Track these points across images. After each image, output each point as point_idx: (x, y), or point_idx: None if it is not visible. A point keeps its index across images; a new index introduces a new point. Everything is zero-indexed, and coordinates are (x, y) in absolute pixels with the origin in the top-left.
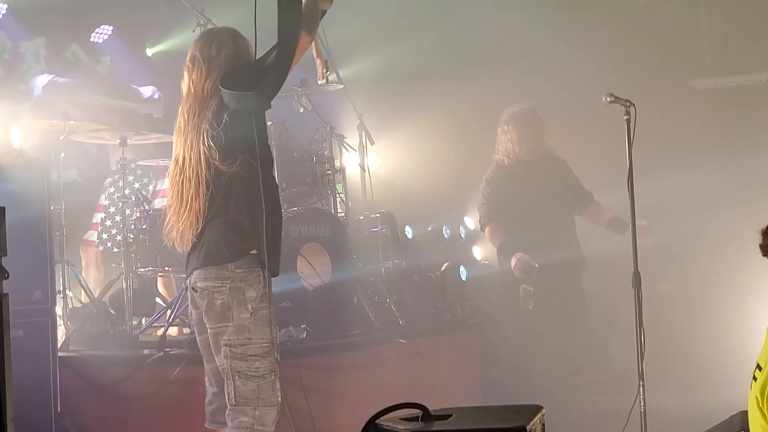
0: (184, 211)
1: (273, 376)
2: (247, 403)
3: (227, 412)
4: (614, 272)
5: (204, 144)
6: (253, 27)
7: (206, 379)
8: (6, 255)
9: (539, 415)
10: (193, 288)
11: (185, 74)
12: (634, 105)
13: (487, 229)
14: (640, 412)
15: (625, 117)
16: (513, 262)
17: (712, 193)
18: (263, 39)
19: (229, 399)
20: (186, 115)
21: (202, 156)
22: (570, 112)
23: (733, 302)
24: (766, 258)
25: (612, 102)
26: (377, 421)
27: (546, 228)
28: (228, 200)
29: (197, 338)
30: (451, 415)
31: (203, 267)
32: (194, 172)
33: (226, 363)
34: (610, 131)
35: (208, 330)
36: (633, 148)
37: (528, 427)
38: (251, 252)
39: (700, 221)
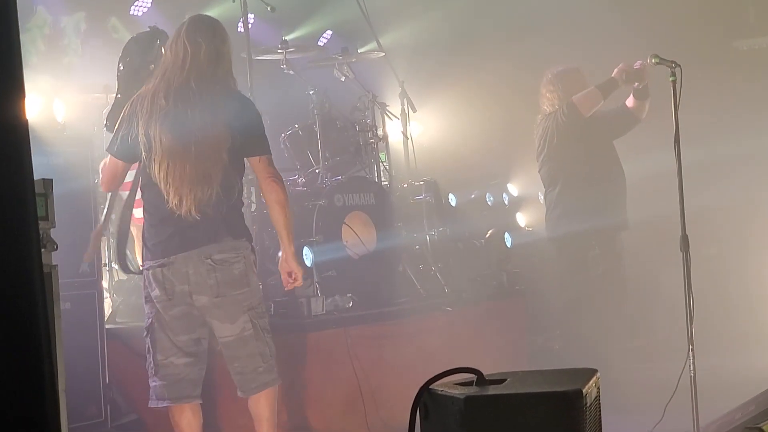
0: (199, 181)
1: None
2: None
3: (260, 371)
4: (659, 236)
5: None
6: None
7: (166, 354)
8: (54, 227)
9: (594, 378)
10: (210, 260)
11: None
12: (680, 66)
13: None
14: (690, 376)
15: (671, 78)
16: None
17: (758, 156)
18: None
19: (264, 359)
20: None
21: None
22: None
23: None
24: None
25: (657, 63)
26: (431, 387)
27: (598, 186)
28: (238, 181)
29: (168, 313)
30: (505, 380)
31: (221, 240)
32: (217, 148)
33: (250, 325)
34: (655, 93)
35: (220, 299)
36: (679, 110)
37: (584, 390)
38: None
39: (747, 184)
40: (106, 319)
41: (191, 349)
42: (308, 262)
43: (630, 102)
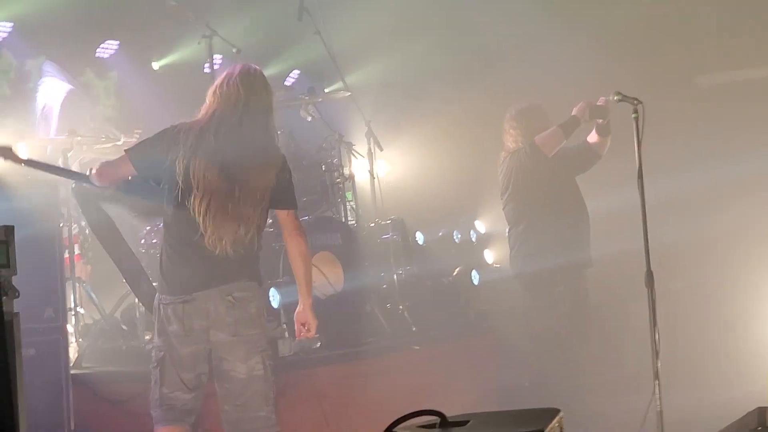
0: (239, 221)
1: None
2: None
3: (264, 415)
4: (626, 271)
5: None
6: (256, 36)
7: (173, 388)
8: (16, 274)
9: (557, 418)
10: (230, 297)
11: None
12: (641, 103)
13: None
14: (657, 411)
15: (633, 115)
16: (575, 110)
17: (721, 190)
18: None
19: (267, 402)
20: None
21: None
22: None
23: (746, 299)
24: None
25: (619, 100)
26: (395, 429)
27: (561, 224)
28: (264, 226)
29: (183, 349)
30: (468, 421)
31: (243, 279)
32: (261, 194)
33: (261, 366)
34: (618, 129)
35: (237, 338)
36: (641, 146)
37: (546, 431)
38: None
39: (711, 218)
40: (71, 364)
41: (194, 383)
42: (275, 304)
43: (592, 138)
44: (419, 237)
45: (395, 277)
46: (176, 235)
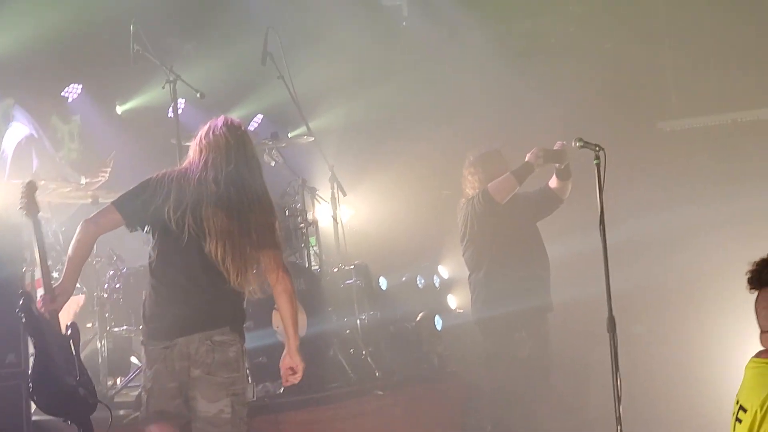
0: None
1: None
2: None
3: None
4: (588, 316)
5: None
6: (219, 81)
7: (160, 406)
8: None
9: None
10: (209, 342)
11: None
12: (603, 149)
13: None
14: None
15: (595, 161)
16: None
17: (682, 235)
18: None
19: None
20: None
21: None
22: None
23: (708, 341)
24: (751, 292)
25: (581, 147)
26: None
27: (521, 269)
28: None
29: (167, 385)
30: None
31: (225, 326)
32: (266, 231)
33: (230, 410)
34: (580, 175)
35: (211, 376)
36: (603, 191)
37: None
38: None
39: (671, 262)
40: (33, 410)
41: (180, 408)
42: None
43: (553, 183)
44: (383, 282)
45: (358, 322)
46: (163, 281)
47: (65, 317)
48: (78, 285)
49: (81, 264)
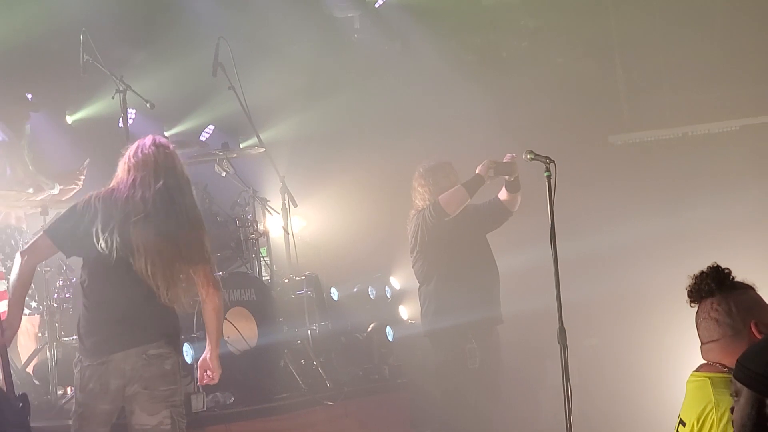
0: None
1: None
2: None
3: None
4: (539, 328)
5: None
6: (170, 91)
7: None
8: None
9: None
10: (145, 356)
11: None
12: (554, 162)
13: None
14: None
15: (546, 174)
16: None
17: (633, 247)
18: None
19: None
20: None
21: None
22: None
23: (659, 354)
24: (692, 306)
25: (532, 159)
26: None
27: (471, 281)
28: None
29: (100, 406)
30: None
31: (161, 340)
32: (194, 247)
33: (169, 421)
34: (531, 187)
35: (148, 391)
36: (554, 204)
37: None
38: None
39: (622, 274)
40: None
41: None
42: (188, 359)
43: (502, 195)
44: (334, 293)
45: (309, 332)
46: (95, 299)
47: (28, 339)
48: (34, 304)
49: (23, 295)
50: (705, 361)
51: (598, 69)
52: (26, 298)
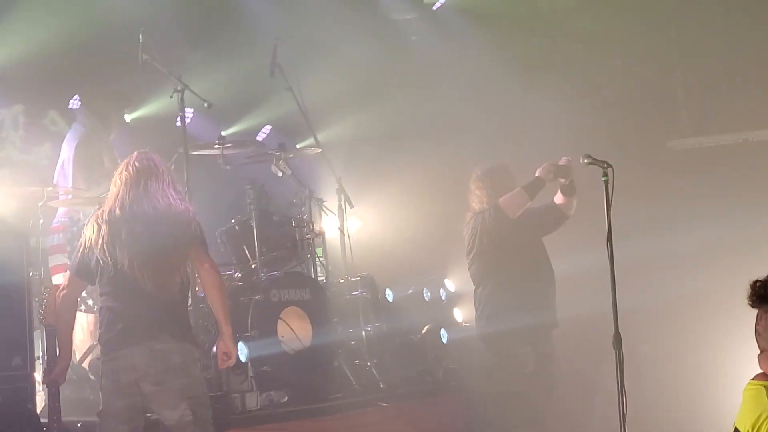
0: (171, 271)
1: None
2: None
3: None
4: (593, 333)
5: None
6: (227, 91)
7: None
8: None
9: None
10: (150, 351)
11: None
12: (611, 166)
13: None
14: None
15: (603, 178)
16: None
17: (690, 253)
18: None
19: None
20: None
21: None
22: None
23: (716, 362)
24: (754, 309)
25: (589, 164)
26: None
27: (527, 285)
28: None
29: (115, 404)
30: None
31: (164, 335)
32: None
33: (190, 413)
34: (588, 192)
35: (158, 387)
36: (611, 209)
37: None
38: None
39: (679, 281)
40: (39, 412)
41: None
42: (243, 357)
43: (558, 199)
44: (389, 294)
45: (364, 333)
46: (106, 302)
47: (84, 336)
48: (90, 302)
49: (70, 332)
50: (762, 370)
51: (657, 73)
52: (84, 295)
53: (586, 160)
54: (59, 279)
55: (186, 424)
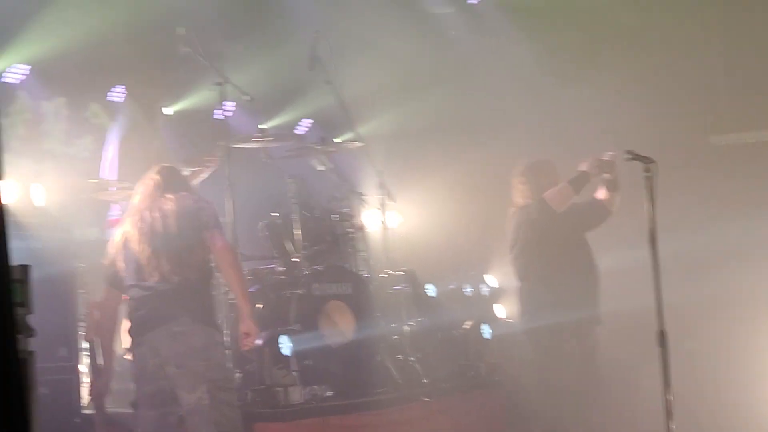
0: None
1: None
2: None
3: None
4: (637, 330)
5: None
6: (267, 84)
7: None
8: (32, 313)
9: None
10: (170, 333)
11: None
12: (654, 162)
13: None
14: None
15: (646, 174)
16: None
17: (734, 249)
18: (281, 101)
19: (219, 428)
20: None
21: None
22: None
23: (759, 360)
24: None
25: (631, 159)
26: None
27: (571, 280)
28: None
29: (144, 389)
30: None
31: (183, 317)
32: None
33: (207, 396)
34: (630, 187)
35: (179, 369)
36: (654, 204)
37: None
38: None
39: (724, 277)
40: (83, 403)
41: (162, 423)
42: (286, 351)
43: (601, 194)
44: (430, 289)
45: (406, 328)
46: (130, 293)
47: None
48: None
49: (114, 341)
50: None
51: (699, 68)
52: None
53: (627, 156)
54: None
55: (202, 407)
